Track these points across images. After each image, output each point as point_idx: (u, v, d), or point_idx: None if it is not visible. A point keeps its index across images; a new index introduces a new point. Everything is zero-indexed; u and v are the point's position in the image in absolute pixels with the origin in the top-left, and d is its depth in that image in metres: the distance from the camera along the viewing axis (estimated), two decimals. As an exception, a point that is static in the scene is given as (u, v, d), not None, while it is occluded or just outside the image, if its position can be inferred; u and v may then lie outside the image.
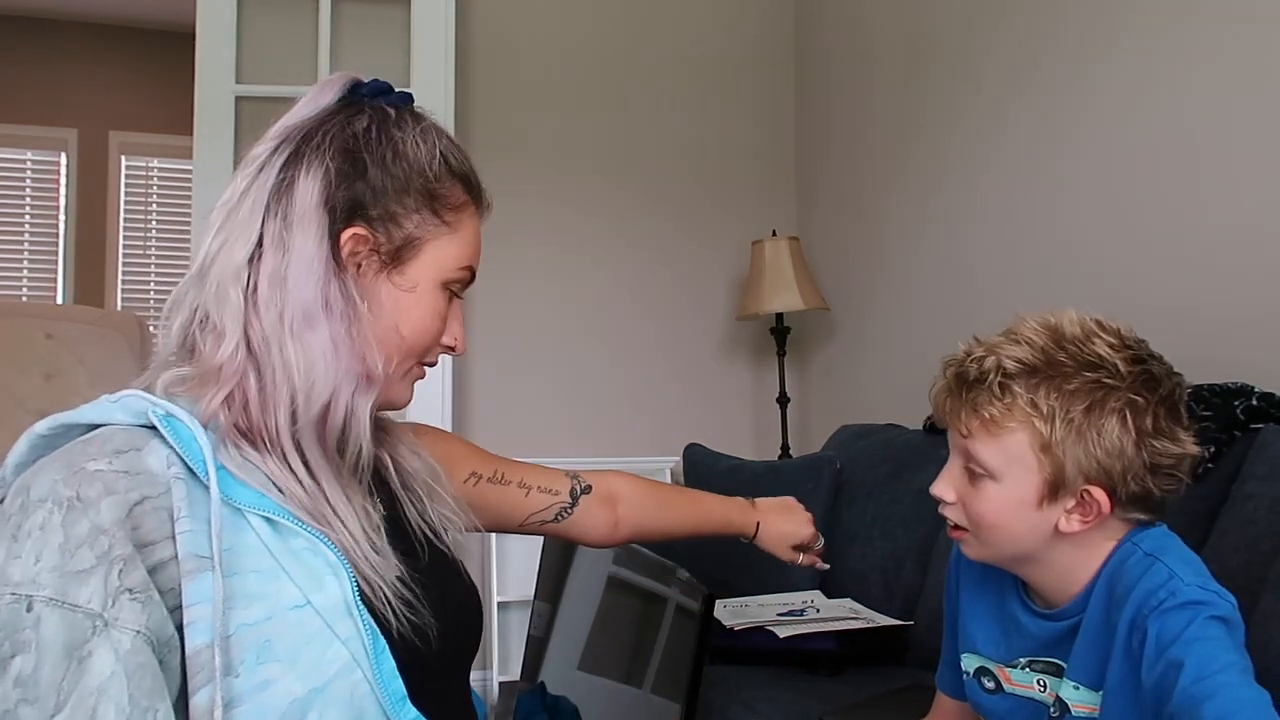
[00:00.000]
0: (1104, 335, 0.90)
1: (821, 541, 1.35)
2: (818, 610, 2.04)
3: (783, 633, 1.82)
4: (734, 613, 2.02)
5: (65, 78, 5.09)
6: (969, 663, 1.05)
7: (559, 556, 1.89)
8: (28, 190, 5.08)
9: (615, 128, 3.24)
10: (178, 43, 4.21)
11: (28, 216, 5.07)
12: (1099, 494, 0.88)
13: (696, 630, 1.45)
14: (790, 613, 2.01)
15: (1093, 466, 0.87)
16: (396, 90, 0.89)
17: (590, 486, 1.18)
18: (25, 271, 5.07)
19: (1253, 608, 1.20)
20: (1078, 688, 0.92)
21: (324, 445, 0.78)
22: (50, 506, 0.65)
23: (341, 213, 0.80)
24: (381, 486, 0.89)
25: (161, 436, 0.71)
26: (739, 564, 2.27)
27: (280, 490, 0.75)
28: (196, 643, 0.66)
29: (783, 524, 1.31)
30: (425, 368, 0.89)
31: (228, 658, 0.67)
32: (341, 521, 0.76)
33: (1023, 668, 0.99)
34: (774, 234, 3.08)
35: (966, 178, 2.49)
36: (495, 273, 3.05)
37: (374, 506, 0.82)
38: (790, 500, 1.36)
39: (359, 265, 0.81)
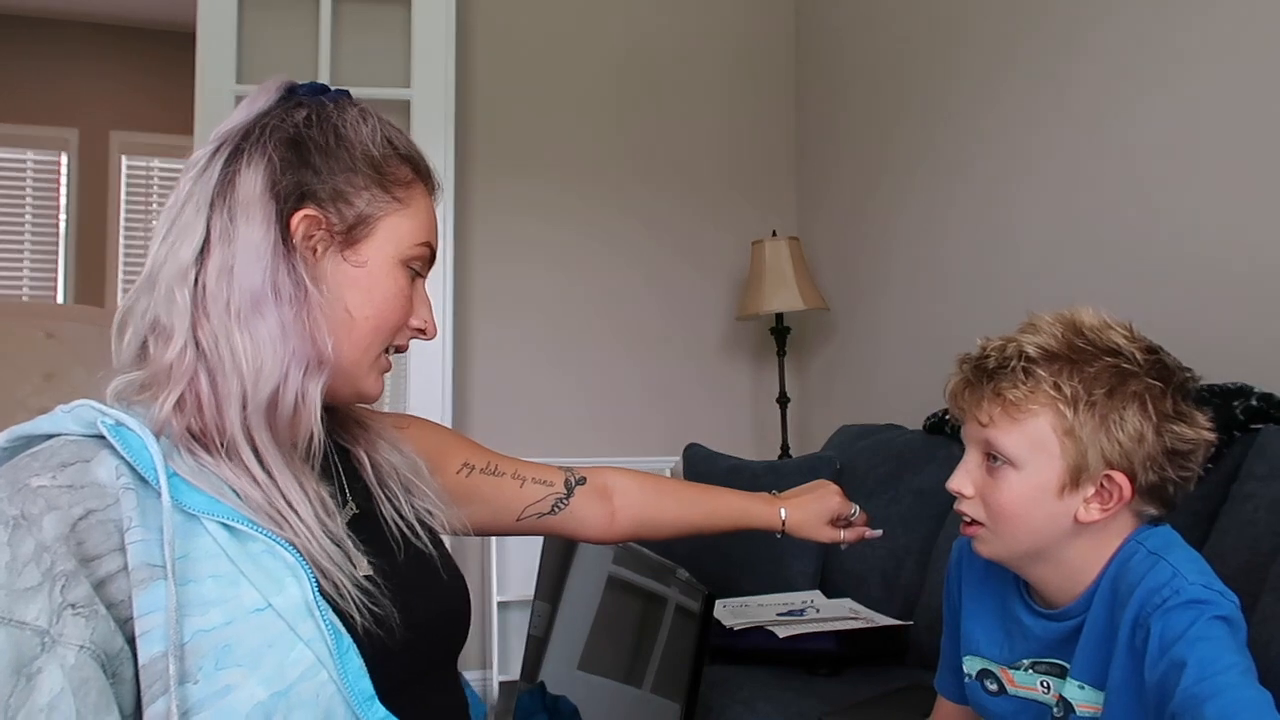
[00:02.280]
0: (1117, 328, 0.93)
1: (857, 510, 1.28)
2: (817, 610, 2.04)
3: (782, 633, 1.82)
4: (734, 613, 2.01)
5: (65, 78, 5.09)
6: (971, 665, 1.05)
7: (559, 556, 1.89)
8: (28, 190, 5.08)
9: (614, 128, 3.24)
10: (178, 43, 4.22)
11: (28, 216, 5.07)
12: (1120, 478, 0.89)
13: (696, 630, 1.45)
14: (790, 613, 2.01)
15: (1115, 451, 0.88)
16: (334, 89, 0.89)
17: (584, 479, 1.17)
18: (25, 271, 5.07)
19: (1253, 608, 1.20)
20: (1083, 687, 0.92)
21: (274, 432, 0.77)
22: None
23: (289, 197, 0.80)
24: (356, 484, 0.88)
25: (112, 447, 0.70)
26: (739, 564, 2.27)
27: (236, 494, 0.74)
28: (151, 652, 0.66)
29: (809, 504, 1.25)
30: (391, 358, 0.88)
31: (184, 665, 0.66)
32: (295, 511, 0.75)
33: (1025, 669, 0.99)
34: (774, 234, 3.08)
35: (966, 178, 2.49)
36: (492, 271, 3.06)
37: (331, 494, 0.81)
38: (814, 482, 1.29)
39: (314, 249, 0.81)
